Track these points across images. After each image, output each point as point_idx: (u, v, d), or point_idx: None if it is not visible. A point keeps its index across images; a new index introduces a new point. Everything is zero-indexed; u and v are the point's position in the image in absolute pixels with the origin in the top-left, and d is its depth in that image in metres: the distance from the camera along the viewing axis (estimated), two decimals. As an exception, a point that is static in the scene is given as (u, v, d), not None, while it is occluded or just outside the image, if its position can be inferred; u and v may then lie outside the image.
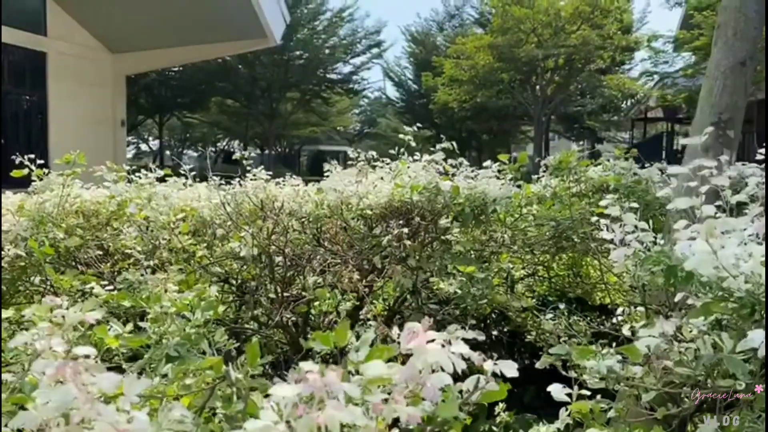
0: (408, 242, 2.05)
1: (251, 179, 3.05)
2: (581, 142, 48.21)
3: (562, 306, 3.55)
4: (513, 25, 21.72)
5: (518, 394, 3.20)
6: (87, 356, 0.89)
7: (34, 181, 2.40)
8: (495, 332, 3.38)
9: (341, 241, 2.26)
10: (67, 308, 1.49)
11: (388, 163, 2.79)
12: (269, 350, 2.50)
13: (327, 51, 30.07)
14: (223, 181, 2.98)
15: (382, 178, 2.52)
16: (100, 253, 2.31)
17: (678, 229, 1.34)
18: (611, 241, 1.59)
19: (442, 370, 0.96)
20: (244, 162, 3.08)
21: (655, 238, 1.44)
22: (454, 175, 2.79)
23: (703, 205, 1.63)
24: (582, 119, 30.97)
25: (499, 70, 22.73)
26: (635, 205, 1.50)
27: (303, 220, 2.21)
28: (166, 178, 2.91)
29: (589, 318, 3.80)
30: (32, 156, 2.34)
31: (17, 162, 2.35)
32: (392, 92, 41.49)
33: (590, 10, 21.18)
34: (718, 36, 3.03)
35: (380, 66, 37.88)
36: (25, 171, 2.34)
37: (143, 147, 49.91)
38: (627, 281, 1.67)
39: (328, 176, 3.15)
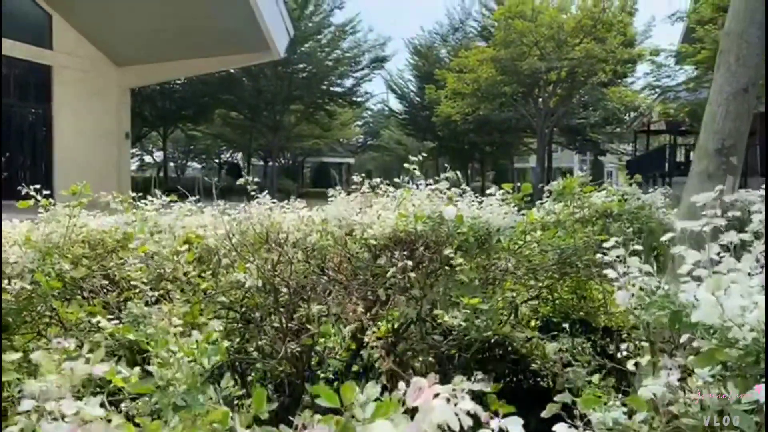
0: (412, 274, 2.06)
1: (257, 201, 3.06)
2: (584, 154, 48.23)
3: (566, 325, 3.54)
4: (516, 39, 21.80)
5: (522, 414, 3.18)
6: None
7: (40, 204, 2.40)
8: (500, 352, 3.36)
9: (345, 271, 2.27)
10: (74, 350, 1.50)
11: (391, 192, 2.80)
12: (273, 378, 2.49)
13: (330, 64, 30.22)
14: (227, 205, 2.98)
15: (385, 207, 2.53)
16: (106, 282, 2.32)
17: (683, 273, 1.34)
18: (616, 279, 1.59)
19: (449, 428, 0.96)
20: (248, 186, 3.09)
21: (659, 282, 1.45)
22: (458, 201, 2.80)
23: (707, 244, 1.64)
24: (585, 131, 31.02)
25: (502, 83, 22.79)
26: (639, 246, 1.50)
27: (307, 250, 2.22)
28: (172, 204, 2.92)
29: (593, 340, 3.79)
30: (38, 186, 2.36)
31: (22, 192, 2.37)
32: (395, 104, 41.64)
33: (593, 24, 21.27)
34: (720, 62, 3.04)
35: (383, 78, 38.08)
36: (31, 202, 2.35)
37: (147, 159, 50.13)
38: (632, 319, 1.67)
39: (332, 200, 3.17)
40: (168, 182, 32.51)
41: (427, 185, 2.75)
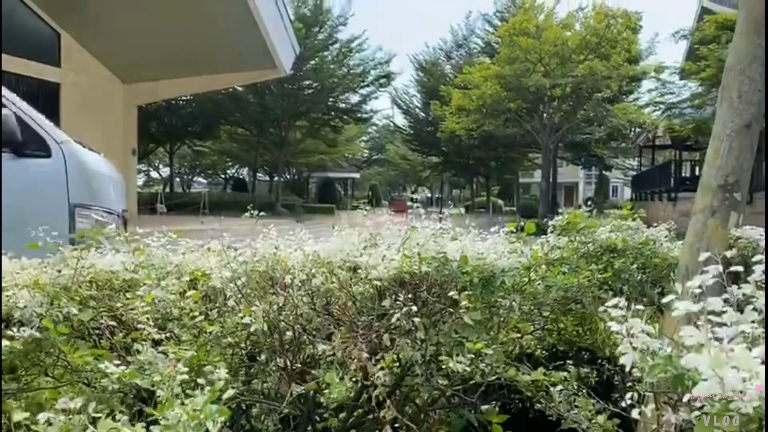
0: (416, 319, 2.07)
1: (262, 235, 3.09)
2: (589, 170, 48.26)
3: (571, 354, 3.53)
4: (520, 56, 21.94)
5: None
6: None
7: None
8: (505, 392, 3.35)
9: (350, 311, 2.28)
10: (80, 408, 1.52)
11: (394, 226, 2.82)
12: (278, 412, 2.50)
13: (336, 80, 30.44)
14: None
15: (389, 247, 2.55)
16: (113, 323, 2.34)
17: (684, 332, 1.35)
18: (618, 333, 1.60)
19: None
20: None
21: (662, 344, 1.45)
22: (462, 236, 2.82)
23: (709, 298, 1.65)
24: (589, 147, 31.08)
25: (507, 99, 22.91)
26: (640, 306, 1.52)
27: (313, 293, 2.24)
28: (178, 240, 2.95)
29: (599, 371, 3.77)
30: (46, 227, 2.39)
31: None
32: (400, 120, 41.88)
33: (597, 41, 21.39)
34: (722, 98, 3.06)
35: (388, 94, 38.33)
36: (39, 243, 2.39)
37: (154, 174, 50.51)
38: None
39: (336, 233, 3.20)
40: (174, 197, 32.67)
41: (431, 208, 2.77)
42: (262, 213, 3.28)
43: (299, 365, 2.24)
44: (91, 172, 4.73)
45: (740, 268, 1.70)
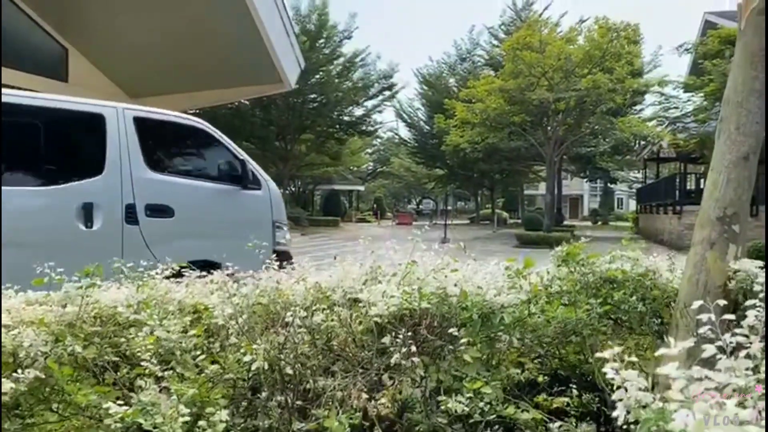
0: (416, 359, 2.10)
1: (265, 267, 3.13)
2: (594, 182, 48.22)
3: (573, 379, 3.53)
4: (524, 70, 22.00)
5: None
6: None
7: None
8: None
9: (350, 348, 2.31)
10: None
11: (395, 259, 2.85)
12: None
13: (340, 94, 30.59)
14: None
15: (389, 280, 2.58)
16: (117, 359, 2.37)
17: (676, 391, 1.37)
18: (613, 380, 1.62)
19: None
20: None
21: (654, 397, 1.47)
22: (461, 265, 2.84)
23: (703, 344, 1.67)
24: (594, 160, 31.08)
25: (511, 112, 22.96)
26: (634, 359, 1.54)
27: (313, 331, 2.27)
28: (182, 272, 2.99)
29: (601, 398, 3.78)
30: (52, 264, 2.43)
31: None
32: (405, 132, 42.00)
33: (600, 55, 21.44)
34: (721, 129, 3.08)
35: (393, 106, 38.49)
36: (45, 279, 2.43)
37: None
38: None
39: (338, 262, 3.24)
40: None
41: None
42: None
43: (300, 402, 2.27)
44: (279, 198, 6.59)
45: (732, 317, 1.71)
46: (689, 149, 19.48)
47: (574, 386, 3.29)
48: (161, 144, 6.07)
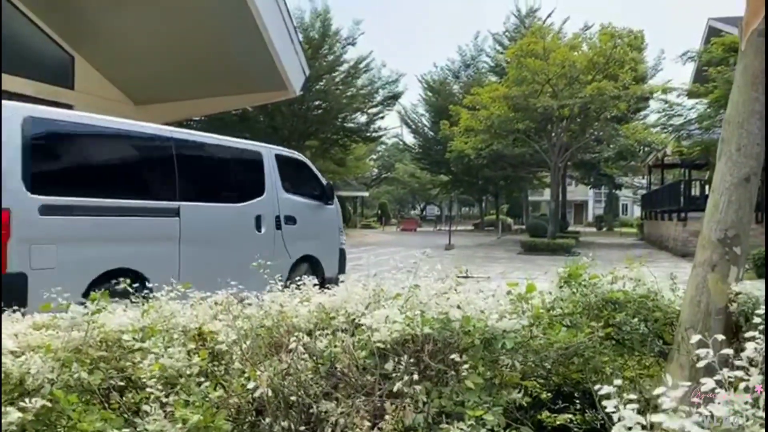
0: (419, 387, 2.12)
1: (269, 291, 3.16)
2: (598, 188, 48.15)
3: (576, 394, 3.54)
4: (528, 77, 22.00)
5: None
6: None
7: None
8: None
9: (353, 373, 2.33)
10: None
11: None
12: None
13: (345, 101, 30.66)
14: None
15: (392, 303, 2.60)
16: (122, 383, 2.40)
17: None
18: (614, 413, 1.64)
19: None
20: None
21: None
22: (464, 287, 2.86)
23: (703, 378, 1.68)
24: (599, 166, 31.03)
25: (515, 119, 22.94)
26: (633, 405, 1.56)
27: (317, 358, 2.29)
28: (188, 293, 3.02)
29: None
30: (63, 294, 2.46)
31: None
32: (409, 138, 42.05)
33: (605, 62, 21.44)
34: (722, 151, 3.10)
35: (397, 113, 38.55)
36: (53, 305, 2.46)
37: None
38: None
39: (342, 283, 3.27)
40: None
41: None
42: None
43: (303, 427, 2.29)
44: (340, 209, 9.10)
45: (730, 351, 1.73)
46: (694, 156, 19.44)
47: (578, 401, 3.30)
48: (287, 172, 7.94)
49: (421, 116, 39.05)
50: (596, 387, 1.77)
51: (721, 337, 1.69)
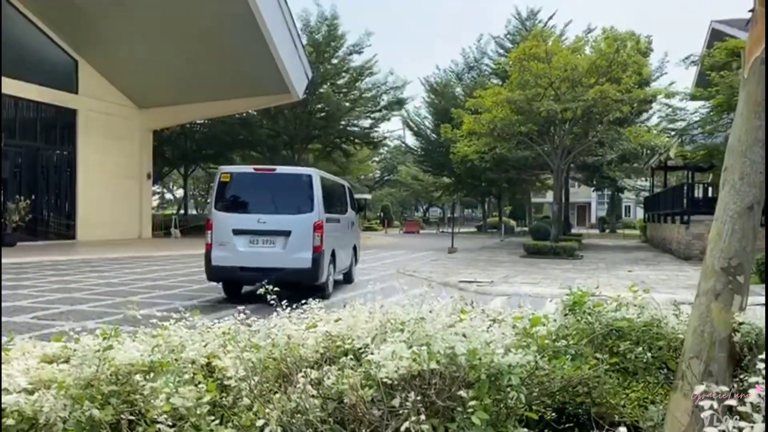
0: (426, 426, 2.14)
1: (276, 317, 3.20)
2: (601, 190, 48.14)
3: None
4: (530, 80, 22.01)
5: None
6: None
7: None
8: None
9: (360, 408, 2.36)
10: None
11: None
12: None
13: (348, 105, 30.71)
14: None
15: (398, 336, 2.63)
16: (133, 417, 2.43)
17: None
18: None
19: None
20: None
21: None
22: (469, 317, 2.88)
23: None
24: (601, 168, 31.02)
25: (518, 122, 22.93)
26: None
27: (325, 395, 2.32)
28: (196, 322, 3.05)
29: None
30: (67, 324, 2.49)
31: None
32: (411, 141, 42.06)
33: (607, 65, 21.42)
34: (725, 179, 3.11)
35: (400, 115, 38.55)
36: (63, 338, 2.49)
37: (168, 196, 50.97)
38: None
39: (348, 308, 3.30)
40: (188, 219, 32.99)
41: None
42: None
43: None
44: None
45: (734, 402, 1.75)
46: (697, 160, 19.42)
47: (582, 418, 3.32)
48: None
49: (424, 119, 39.09)
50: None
51: (724, 388, 1.71)
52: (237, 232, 9.24)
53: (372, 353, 2.44)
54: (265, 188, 9.77)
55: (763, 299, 9.31)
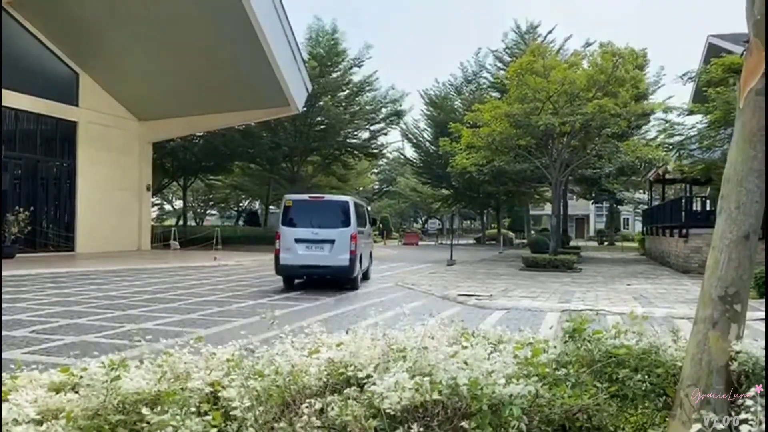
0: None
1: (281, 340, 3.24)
2: (600, 203, 48.27)
3: None
4: (529, 95, 22.13)
5: None
6: None
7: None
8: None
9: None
10: None
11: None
12: None
13: (347, 117, 30.85)
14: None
15: (401, 364, 2.67)
16: (139, 447, 2.46)
17: None
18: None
19: None
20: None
21: None
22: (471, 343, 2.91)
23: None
24: (600, 181, 31.12)
25: (516, 136, 23.04)
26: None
27: (329, 427, 2.36)
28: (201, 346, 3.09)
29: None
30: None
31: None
32: (410, 152, 42.19)
33: (605, 80, 21.56)
34: (721, 207, 3.17)
35: (399, 127, 38.72)
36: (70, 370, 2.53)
37: (167, 207, 51.02)
38: None
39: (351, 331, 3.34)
40: (187, 231, 33.00)
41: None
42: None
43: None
44: None
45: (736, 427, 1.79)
46: (694, 174, 19.51)
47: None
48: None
49: (423, 131, 39.25)
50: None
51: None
52: (298, 240, 13.07)
53: (375, 383, 2.48)
54: (316, 210, 13.52)
55: (762, 314, 9.36)
